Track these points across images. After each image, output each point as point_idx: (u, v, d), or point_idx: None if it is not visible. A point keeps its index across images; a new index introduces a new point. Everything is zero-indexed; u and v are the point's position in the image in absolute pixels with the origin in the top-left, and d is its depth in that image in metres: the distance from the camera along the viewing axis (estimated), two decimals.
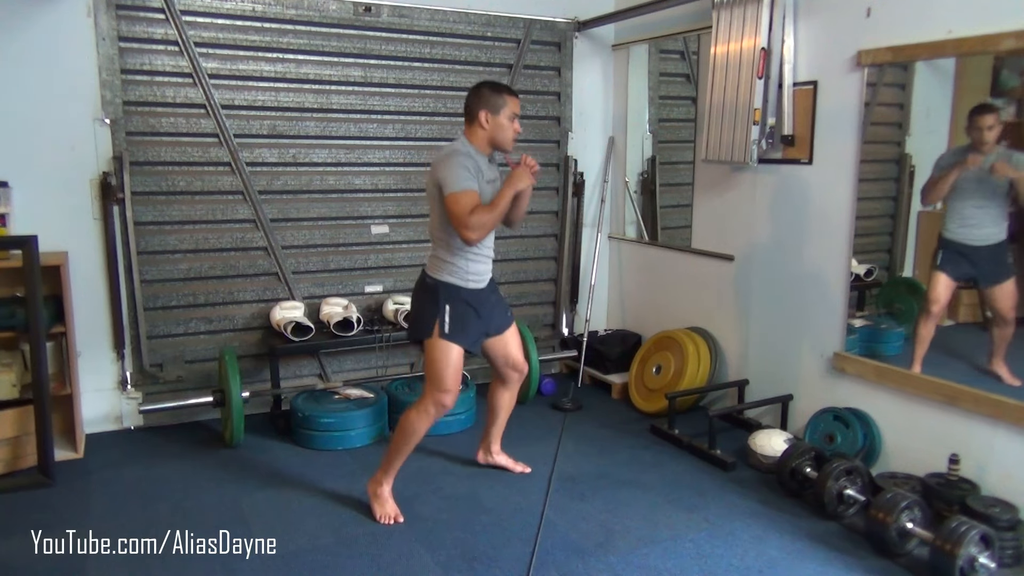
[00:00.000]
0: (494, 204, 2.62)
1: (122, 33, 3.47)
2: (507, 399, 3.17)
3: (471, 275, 2.76)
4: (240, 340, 3.94)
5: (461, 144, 2.72)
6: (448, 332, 2.73)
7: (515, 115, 2.75)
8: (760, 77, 3.37)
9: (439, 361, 2.74)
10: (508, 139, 2.75)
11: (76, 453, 3.42)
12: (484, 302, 2.83)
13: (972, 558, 2.37)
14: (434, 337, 2.74)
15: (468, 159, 2.65)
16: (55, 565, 2.52)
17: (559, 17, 4.39)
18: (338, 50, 3.91)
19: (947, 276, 3.08)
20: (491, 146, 2.77)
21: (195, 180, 3.73)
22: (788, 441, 3.24)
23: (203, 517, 2.86)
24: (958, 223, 3.05)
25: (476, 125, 2.73)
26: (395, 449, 2.83)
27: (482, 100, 2.71)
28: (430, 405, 2.76)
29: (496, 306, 2.93)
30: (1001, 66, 3.04)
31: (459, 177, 2.58)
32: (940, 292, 3.09)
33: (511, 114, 2.73)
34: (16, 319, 3.22)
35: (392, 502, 2.87)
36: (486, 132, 2.72)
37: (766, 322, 3.70)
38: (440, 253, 2.76)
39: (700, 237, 4.11)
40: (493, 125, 2.71)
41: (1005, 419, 2.69)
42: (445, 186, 2.59)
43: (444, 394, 2.75)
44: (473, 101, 2.73)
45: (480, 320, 2.82)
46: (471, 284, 2.77)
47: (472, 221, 2.55)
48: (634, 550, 2.66)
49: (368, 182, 4.09)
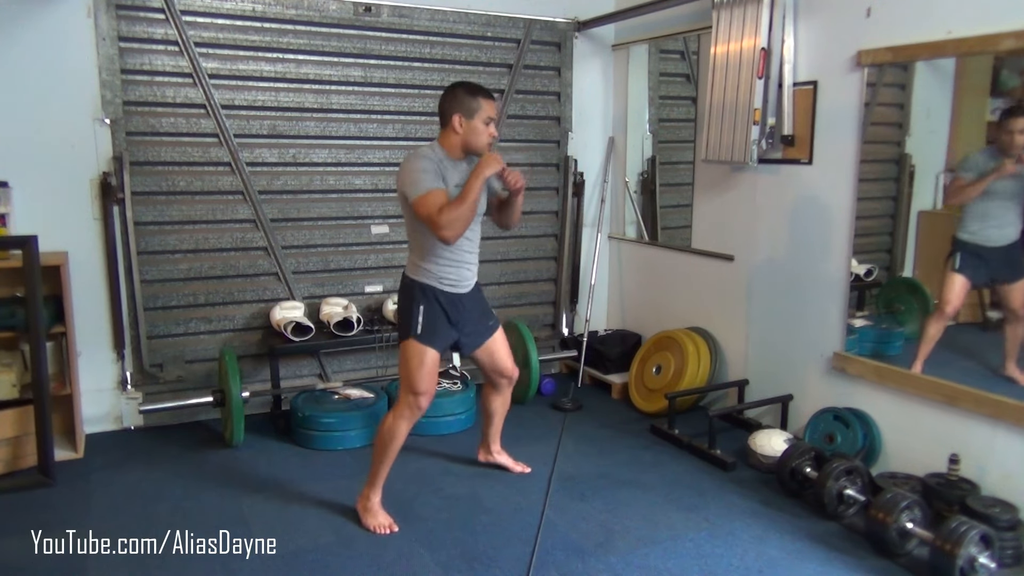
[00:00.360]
0: (463, 196, 2.52)
1: (122, 33, 3.47)
2: (499, 403, 3.15)
3: (447, 280, 2.72)
4: (240, 340, 3.94)
5: (425, 148, 2.65)
6: (419, 333, 2.69)
7: (491, 119, 2.65)
8: (760, 77, 3.37)
9: (410, 363, 2.69)
10: (482, 144, 2.65)
11: (76, 453, 3.42)
12: (459, 308, 2.76)
13: (972, 558, 2.37)
14: (408, 339, 2.71)
15: (427, 161, 2.57)
16: (55, 565, 2.52)
17: (559, 17, 4.39)
18: (338, 50, 3.91)
19: (965, 278, 3.06)
20: (464, 151, 2.68)
21: (195, 180, 3.73)
22: (788, 441, 3.24)
23: (203, 517, 2.86)
24: (980, 224, 3.02)
25: (449, 129, 2.64)
26: (377, 458, 2.78)
27: (456, 103, 2.62)
28: (405, 408, 2.72)
29: (473, 314, 2.84)
30: (1001, 66, 3.04)
31: (420, 180, 2.52)
32: (956, 293, 3.06)
33: (486, 118, 2.63)
34: (16, 319, 3.22)
35: (383, 512, 2.82)
36: (459, 136, 2.64)
37: (766, 322, 3.70)
38: (414, 257, 2.73)
39: (700, 237, 4.11)
40: (467, 129, 2.63)
41: (1005, 419, 2.69)
42: (409, 193, 2.54)
43: (418, 396, 2.70)
44: (447, 104, 2.65)
45: (450, 326, 2.76)
46: (447, 288, 2.72)
47: (443, 219, 2.47)
48: (634, 550, 2.66)
49: (368, 182, 4.09)
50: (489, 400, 3.15)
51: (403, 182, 2.58)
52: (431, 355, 2.72)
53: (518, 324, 4.09)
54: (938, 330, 3.07)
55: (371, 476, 2.82)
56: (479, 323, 2.90)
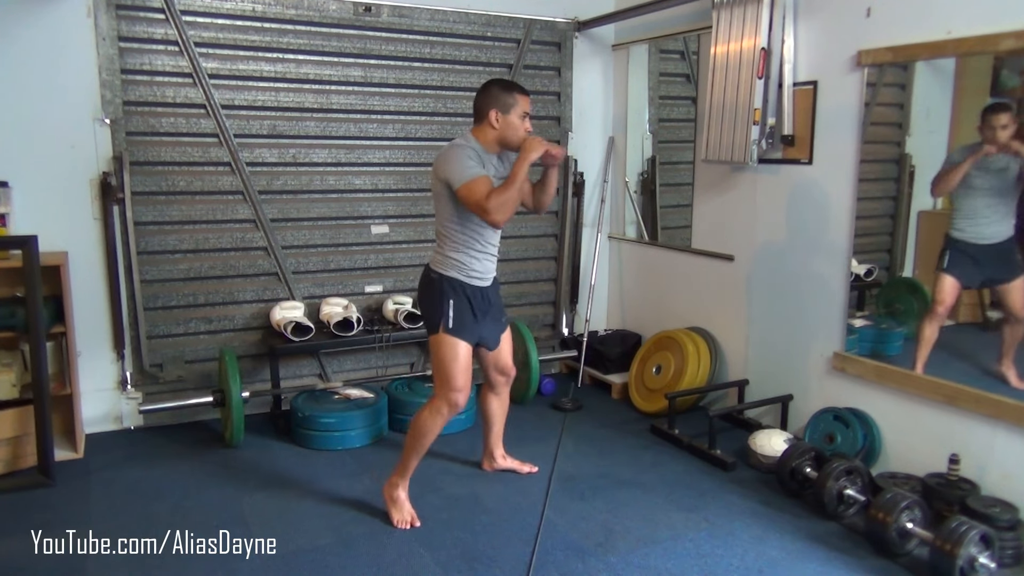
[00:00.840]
0: (511, 179, 2.57)
1: (122, 33, 3.47)
2: (497, 405, 3.15)
3: (474, 272, 2.74)
4: (240, 340, 3.94)
5: (462, 139, 2.70)
6: (452, 327, 2.71)
7: (526, 114, 2.72)
8: (760, 77, 3.37)
9: (446, 358, 2.72)
10: (519, 139, 2.71)
11: (76, 453, 3.42)
12: (483, 303, 2.80)
13: (972, 558, 2.37)
14: (439, 333, 2.73)
15: (469, 150, 2.63)
16: (55, 565, 2.52)
17: (559, 17, 4.39)
18: (338, 50, 3.91)
19: (954, 279, 3.06)
20: (500, 145, 2.74)
21: (195, 180, 3.73)
22: (788, 441, 3.24)
23: (203, 517, 2.86)
24: (969, 221, 3.03)
25: (486, 124, 2.70)
26: (409, 449, 2.82)
27: (492, 99, 2.68)
28: (443, 405, 2.74)
29: (492, 311, 2.88)
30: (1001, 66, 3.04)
31: (465, 167, 2.56)
32: (947, 293, 3.07)
33: (522, 113, 2.70)
34: (16, 319, 3.22)
35: (409, 506, 2.85)
36: (496, 131, 2.70)
37: (766, 322, 3.70)
38: (445, 250, 2.74)
39: (700, 237, 4.11)
40: (503, 124, 2.68)
41: (1005, 419, 2.69)
42: (453, 181, 2.57)
43: (455, 393, 2.72)
44: (483, 100, 2.70)
45: (476, 320, 2.79)
46: (474, 281, 2.75)
47: (492, 204, 2.51)
48: (634, 550, 2.66)
49: (368, 182, 4.09)
50: (487, 404, 3.15)
51: (445, 171, 2.60)
52: (464, 348, 2.73)
53: (518, 324, 4.09)
54: (933, 331, 3.07)
55: (400, 465, 2.86)
56: (497, 318, 2.93)
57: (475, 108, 2.74)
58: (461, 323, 2.73)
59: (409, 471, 2.86)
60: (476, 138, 2.71)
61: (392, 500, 2.86)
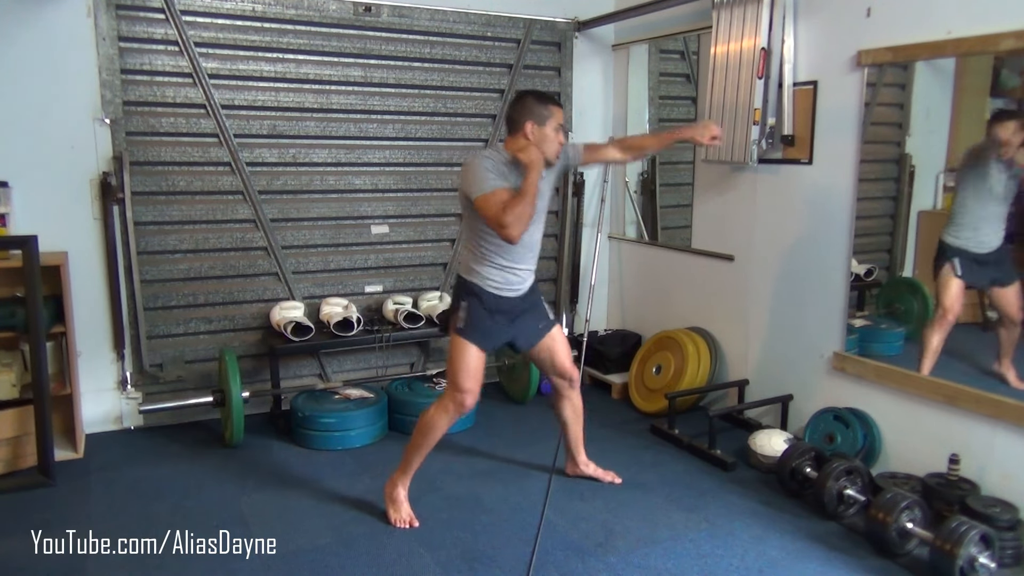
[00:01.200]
0: (522, 195, 2.52)
1: (122, 33, 3.47)
2: (568, 410, 3.11)
3: (491, 281, 2.72)
4: (240, 340, 3.94)
5: (489, 150, 2.69)
6: (462, 327, 2.72)
7: (560, 126, 2.70)
8: (760, 77, 3.37)
9: (454, 359, 2.74)
10: (554, 151, 2.69)
11: (76, 453, 3.42)
12: (510, 310, 2.77)
13: (972, 558, 2.37)
14: (452, 333, 2.75)
15: (488, 161, 2.60)
16: (55, 565, 2.52)
17: (559, 17, 4.39)
18: (338, 50, 3.91)
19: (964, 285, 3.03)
20: None
21: (195, 180, 3.72)
22: (788, 441, 3.24)
23: (203, 517, 2.86)
24: (971, 230, 3.01)
25: (520, 135, 2.66)
26: (413, 447, 2.82)
27: (527, 111, 2.66)
28: (449, 403, 2.75)
29: (526, 316, 2.85)
30: (1001, 66, 3.04)
31: (482, 179, 2.54)
32: (955, 300, 3.03)
33: (556, 125, 2.68)
34: (16, 319, 3.21)
35: (407, 506, 2.85)
36: (530, 144, 2.66)
37: (766, 322, 3.70)
38: (467, 258, 2.76)
39: (700, 237, 4.11)
40: (538, 136, 2.65)
41: (1005, 419, 2.69)
42: (471, 193, 2.56)
43: (461, 394, 2.72)
44: (518, 111, 2.68)
45: (496, 326, 2.76)
46: (490, 288, 2.72)
47: (507, 218, 2.48)
48: (634, 550, 2.66)
49: (368, 182, 4.09)
50: (559, 409, 3.12)
51: (466, 182, 2.59)
52: (474, 352, 2.72)
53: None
54: (941, 340, 3.03)
55: (403, 463, 2.86)
56: (530, 324, 2.89)
57: (509, 119, 2.72)
58: (473, 327, 2.72)
59: (412, 469, 2.86)
60: (508, 150, 2.68)
61: (391, 499, 2.87)
